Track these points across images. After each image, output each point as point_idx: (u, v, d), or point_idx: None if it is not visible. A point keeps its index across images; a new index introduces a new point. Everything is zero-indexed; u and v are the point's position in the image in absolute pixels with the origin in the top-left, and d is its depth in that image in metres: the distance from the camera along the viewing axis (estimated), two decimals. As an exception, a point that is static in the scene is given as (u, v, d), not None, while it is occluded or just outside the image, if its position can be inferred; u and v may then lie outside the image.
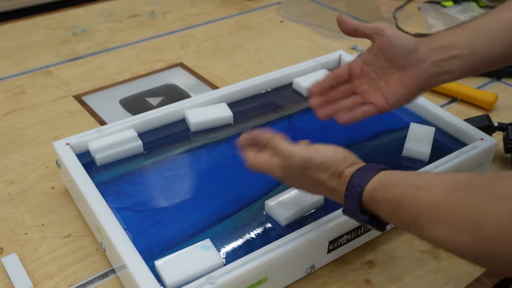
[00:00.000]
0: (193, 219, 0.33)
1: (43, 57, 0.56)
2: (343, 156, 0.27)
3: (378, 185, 0.25)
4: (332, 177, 0.27)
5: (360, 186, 0.25)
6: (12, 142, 0.44)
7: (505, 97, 0.50)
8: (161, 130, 0.41)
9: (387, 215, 0.25)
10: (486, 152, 0.37)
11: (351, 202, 0.26)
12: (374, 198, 0.25)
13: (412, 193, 0.23)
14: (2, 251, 0.34)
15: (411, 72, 0.31)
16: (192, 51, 0.58)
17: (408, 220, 0.23)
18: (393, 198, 0.24)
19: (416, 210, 0.23)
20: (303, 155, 0.27)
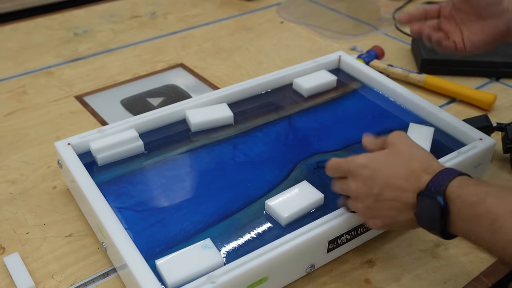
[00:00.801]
0: (193, 218, 0.33)
1: (45, 58, 0.56)
2: (432, 155, 0.28)
3: (465, 182, 0.25)
4: (420, 168, 0.27)
5: (448, 177, 0.25)
6: (14, 142, 0.44)
7: (503, 98, 0.50)
8: (162, 130, 0.41)
9: (465, 209, 0.24)
10: (485, 152, 0.37)
11: (436, 182, 0.25)
12: (458, 192, 0.25)
13: (499, 194, 0.24)
14: (4, 250, 0.34)
15: (491, 22, 0.34)
16: (193, 52, 0.58)
17: (485, 220, 0.23)
18: (479, 193, 0.24)
19: (498, 211, 0.23)
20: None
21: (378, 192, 0.28)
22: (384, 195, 0.28)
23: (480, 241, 0.24)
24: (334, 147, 0.39)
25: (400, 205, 0.27)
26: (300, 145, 0.40)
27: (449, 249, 0.34)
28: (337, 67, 0.49)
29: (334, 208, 0.32)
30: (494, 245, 0.23)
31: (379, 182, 0.28)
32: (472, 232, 0.24)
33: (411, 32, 0.38)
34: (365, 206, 0.29)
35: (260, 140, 0.40)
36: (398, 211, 0.28)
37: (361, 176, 0.29)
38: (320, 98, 0.45)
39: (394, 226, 0.29)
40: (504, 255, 0.23)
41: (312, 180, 0.35)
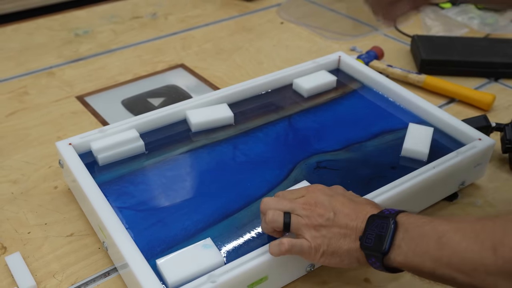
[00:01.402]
0: (194, 218, 0.33)
1: (46, 58, 0.56)
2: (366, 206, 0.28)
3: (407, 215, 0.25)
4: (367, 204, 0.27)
5: (394, 210, 0.26)
6: (15, 142, 0.44)
7: (502, 98, 0.50)
8: (162, 130, 0.41)
9: (415, 229, 0.24)
10: (484, 152, 0.37)
11: (387, 211, 0.26)
12: (406, 219, 0.25)
13: (443, 219, 0.24)
14: (6, 250, 0.34)
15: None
16: (193, 52, 0.58)
17: (432, 236, 0.23)
18: (424, 218, 0.24)
19: (444, 229, 0.23)
20: None
21: (331, 216, 0.27)
22: (336, 220, 0.27)
23: (423, 262, 0.24)
24: (334, 147, 0.39)
25: (347, 231, 0.27)
26: (300, 145, 0.40)
27: (448, 248, 0.35)
28: (337, 68, 0.50)
29: (334, 207, 0.32)
30: (439, 261, 0.23)
31: (334, 206, 0.28)
32: (416, 252, 0.24)
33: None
34: (314, 228, 0.28)
35: (260, 140, 0.40)
36: (344, 237, 0.27)
37: (318, 198, 0.28)
38: (320, 99, 0.45)
39: (334, 255, 0.27)
40: (448, 270, 0.23)
41: (312, 180, 0.35)
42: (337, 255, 0.27)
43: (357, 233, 0.27)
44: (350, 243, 0.27)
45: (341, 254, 0.27)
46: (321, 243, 0.27)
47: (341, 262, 0.28)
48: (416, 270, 0.25)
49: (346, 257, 0.27)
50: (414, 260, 0.24)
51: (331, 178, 0.36)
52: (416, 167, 0.35)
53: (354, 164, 0.38)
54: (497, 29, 0.63)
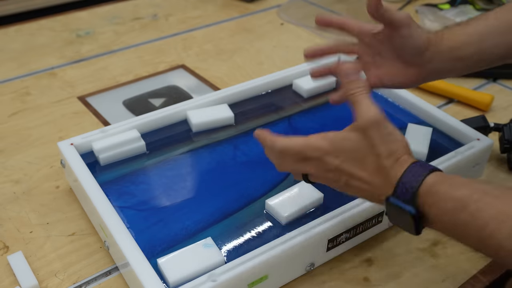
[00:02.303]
0: (195, 218, 0.33)
1: (48, 59, 0.56)
2: (406, 142, 0.25)
3: (442, 180, 0.23)
4: (390, 157, 0.24)
5: (421, 175, 0.23)
6: (17, 142, 0.44)
7: (501, 98, 0.50)
8: (163, 130, 0.41)
9: (444, 214, 0.22)
10: (483, 152, 0.38)
11: (404, 189, 0.23)
12: (433, 192, 0.22)
13: (483, 198, 0.21)
14: (8, 249, 0.34)
15: (414, 69, 0.32)
16: (194, 53, 0.58)
17: (473, 227, 0.21)
18: (460, 199, 0.21)
19: (486, 216, 0.21)
20: (378, 117, 0.25)
21: (345, 181, 0.26)
22: (352, 184, 0.26)
23: (467, 242, 0.23)
24: (334, 147, 0.40)
25: (370, 196, 0.26)
26: (300, 145, 0.40)
27: (447, 247, 0.35)
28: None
29: (334, 207, 0.32)
30: (485, 249, 0.22)
31: (345, 173, 0.26)
32: (456, 236, 0.23)
33: (310, 75, 0.34)
34: (330, 185, 0.27)
35: (260, 141, 0.41)
36: (369, 197, 0.26)
37: (324, 164, 0.26)
38: (319, 99, 0.46)
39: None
40: (497, 258, 0.21)
41: (311, 179, 0.36)
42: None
43: (382, 202, 0.25)
44: (379, 202, 0.25)
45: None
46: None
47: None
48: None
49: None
50: (455, 237, 0.23)
51: (331, 178, 0.37)
52: (415, 167, 0.36)
53: (354, 164, 0.38)
54: (496, 30, 0.63)
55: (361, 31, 0.33)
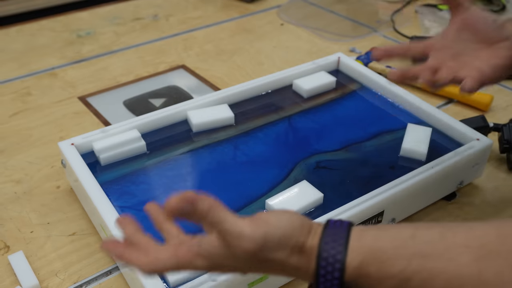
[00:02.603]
0: (195, 217, 0.34)
1: (49, 59, 0.57)
2: (300, 223, 0.20)
3: (366, 257, 0.19)
4: (292, 254, 0.20)
5: (338, 261, 0.19)
6: (18, 142, 0.44)
7: (500, 98, 0.50)
8: (164, 130, 0.41)
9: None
10: (482, 152, 0.38)
11: (329, 282, 0.19)
12: (364, 275, 0.19)
13: (425, 265, 0.18)
14: (9, 249, 0.34)
15: (501, 44, 0.29)
16: (194, 53, 0.58)
17: None
18: (398, 275, 0.18)
19: (437, 286, 0.17)
20: (259, 235, 0.20)
21: (258, 271, 0.21)
22: (269, 272, 0.21)
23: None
24: (333, 147, 0.40)
25: (285, 272, 0.21)
26: (300, 145, 0.40)
27: (446, 247, 0.35)
28: (336, 69, 0.50)
29: (333, 207, 0.32)
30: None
31: (259, 268, 0.21)
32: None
33: (388, 77, 0.30)
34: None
35: (260, 140, 0.40)
36: (283, 273, 0.21)
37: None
38: (319, 99, 0.46)
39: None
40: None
41: (311, 179, 0.35)
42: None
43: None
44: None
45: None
46: None
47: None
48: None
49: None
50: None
51: (331, 177, 0.37)
52: (415, 167, 0.36)
53: (354, 164, 0.38)
54: (496, 30, 0.63)
55: (427, 45, 0.31)
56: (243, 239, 0.20)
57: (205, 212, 0.20)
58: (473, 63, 0.30)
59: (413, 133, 0.40)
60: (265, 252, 0.20)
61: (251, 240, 0.20)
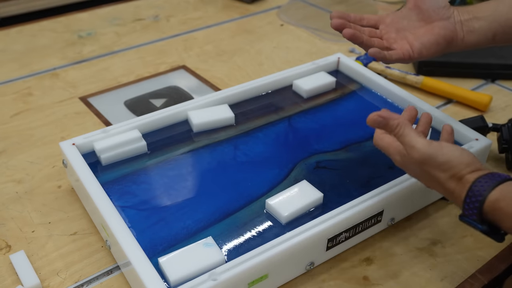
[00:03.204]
0: (195, 217, 0.34)
1: (50, 60, 0.57)
2: (468, 161, 0.27)
3: (503, 195, 0.24)
4: (452, 179, 0.27)
5: (481, 195, 0.25)
6: (20, 142, 0.45)
7: (499, 99, 0.51)
8: (164, 130, 0.41)
9: (509, 227, 0.24)
10: (481, 152, 0.38)
11: (470, 210, 0.25)
12: (497, 208, 0.24)
13: None
14: (10, 248, 0.34)
15: (439, 23, 0.34)
16: (195, 54, 0.59)
17: None
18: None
19: None
20: (425, 151, 0.27)
21: (425, 181, 0.29)
22: (429, 183, 0.29)
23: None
24: (333, 147, 0.40)
25: (441, 189, 0.28)
26: (300, 145, 0.40)
27: (446, 247, 0.35)
28: (336, 69, 0.50)
29: (333, 207, 0.33)
30: None
31: (425, 178, 0.29)
32: None
33: (343, 35, 0.34)
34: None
35: (260, 140, 0.41)
36: (439, 189, 0.28)
37: (410, 163, 0.29)
38: (319, 99, 0.46)
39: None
40: None
41: (311, 179, 0.36)
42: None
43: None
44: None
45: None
46: None
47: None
48: None
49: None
50: None
51: (331, 177, 0.37)
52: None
53: (353, 164, 0.38)
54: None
55: (380, 17, 0.36)
56: (414, 150, 0.28)
57: (394, 127, 0.29)
58: (408, 37, 0.34)
59: (413, 133, 0.40)
60: (428, 167, 0.27)
61: (419, 152, 0.28)
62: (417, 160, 0.28)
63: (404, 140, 0.29)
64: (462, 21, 0.34)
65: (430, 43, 0.34)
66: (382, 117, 0.29)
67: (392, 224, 0.36)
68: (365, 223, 0.34)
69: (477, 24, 0.33)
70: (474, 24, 0.33)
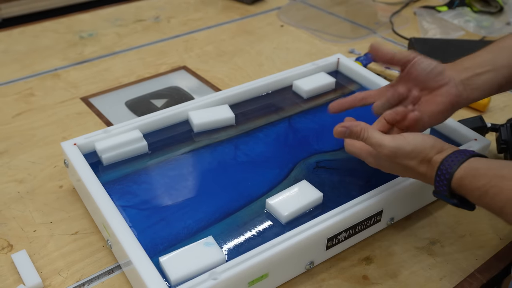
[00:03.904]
0: (196, 217, 0.34)
1: (52, 61, 0.57)
2: (431, 144, 0.29)
3: (466, 173, 0.26)
4: (422, 164, 0.29)
5: (448, 173, 0.27)
6: (21, 142, 0.45)
7: (498, 99, 0.51)
8: (165, 131, 0.42)
9: (475, 201, 0.27)
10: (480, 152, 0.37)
11: (440, 187, 0.28)
12: (462, 185, 0.27)
13: (499, 184, 0.25)
14: (12, 247, 0.35)
15: (440, 91, 0.33)
16: (196, 55, 0.59)
17: (495, 208, 0.25)
18: (481, 187, 0.26)
19: (503, 199, 0.25)
20: (393, 145, 0.29)
21: (400, 172, 0.31)
22: (403, 173, 0.31)
23: (496, 215, 0.26)
24: (333, 147, 0.40)
25: (415, 175, 0.30)
26: (300, 145, 0.40)
27: (444, 246, 0.35)
28: (336, 70, 0.50)
29: (333, 206, 0.33)
30: (507, 221, 0.26)
31: (399, 169, 0.31)
32: (490, 212, 0.27)
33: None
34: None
35: (260, 141, 0.41)
36: (414, 175, 0.30)
37: (379, 162, 0.31)
38: (319, 100, 0.46)
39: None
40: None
41: (311, 179, 0.36)
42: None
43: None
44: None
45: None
46: None
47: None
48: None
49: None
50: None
51: (330, 177, 0.37)
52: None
53: (353, 164, 0.38)
54: (493, 31, 0.64)
55: (380, 91, 0.36)
56: (382, 147, 0.30)
57: (358, 133, 0.31)
58: (418, 108, 0.34)
59: (412, 133, 0.40)
60: (398, 159, 0.30)
61: (387, 148, 0.30)
62: (387, 155, 0.30)
63: (372, 142, 0.30)
64: (463, 80, 0.33)
65: (436, 114, 0.33)
66: (345, 127, 0.31)
67: (392, 223, 0.36)
68: (365, 222, 0.34)
69: (479, 81, 0.33)
70: (476, 81, 0.32)
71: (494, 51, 0.34)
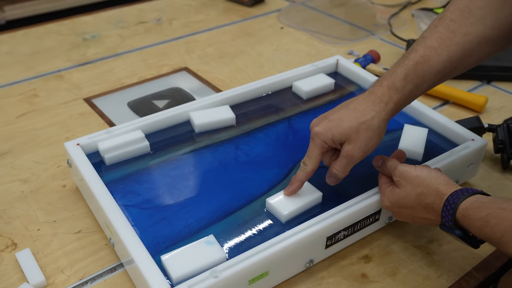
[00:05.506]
0: (197, 216, 0.34)
1: (55, 62, 0.57)
2: (445, 180, 0.31)
3: (471, 205, 0.28)
4: (432, 195, 0.30)
5: (455, 203, 0.29)
6: (25, 142, 0.45)
7: (494, 100, 0.51)
8: (167, 131, 0.42)
9: (476, 232, 0.28)
10: (477, 152, 0.38)
11: (446, 217, 0.29)
12: (466, 215, 0.28)
13: (500, 214, 0.26)
14: (16, 246, 0.35)
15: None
16: (197, 56, 0.59)
17: (494, 238, 0.27)
18: (483, 218, 0.27)
19: (502, 229, 0.26)
20: (393, 202, 0.32)
21: (406, 215, 0.33)
22: (413, 216, 0.32)
23: (491, 243, 0.28)
24: (332, 148, 0.41)
25: (427, 222, 0.32)
26: (300, 145, 0.41)
27: (442, 245, 0.35)
28: (335, 71, 0.51)
29: (332, 205, 0.33)
30: (506, 252, 0.27)
31: (405, 214, 0.33)
32: (492, 243, 0.28)
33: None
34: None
35: (261, 141, 0.41)
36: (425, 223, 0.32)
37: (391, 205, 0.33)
38: (318, 100, 0.47)
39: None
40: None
41: (311, 179, 0.36)
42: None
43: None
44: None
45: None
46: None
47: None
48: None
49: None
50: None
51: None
52: (411, 167, 0.36)
53: (352, 164, 0.39)
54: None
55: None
56: (383, 202, 0.33)
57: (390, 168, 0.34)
58: None
59: (410, 133, 0.40)
60: (401, 209, 0.32)
61: (386, 203, 0.33)
62: (387, 207, 0.33)
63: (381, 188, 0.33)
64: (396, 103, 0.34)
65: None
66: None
67: (390, 222, 0.36)
68: (364, 221, 0.34)
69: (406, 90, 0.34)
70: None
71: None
